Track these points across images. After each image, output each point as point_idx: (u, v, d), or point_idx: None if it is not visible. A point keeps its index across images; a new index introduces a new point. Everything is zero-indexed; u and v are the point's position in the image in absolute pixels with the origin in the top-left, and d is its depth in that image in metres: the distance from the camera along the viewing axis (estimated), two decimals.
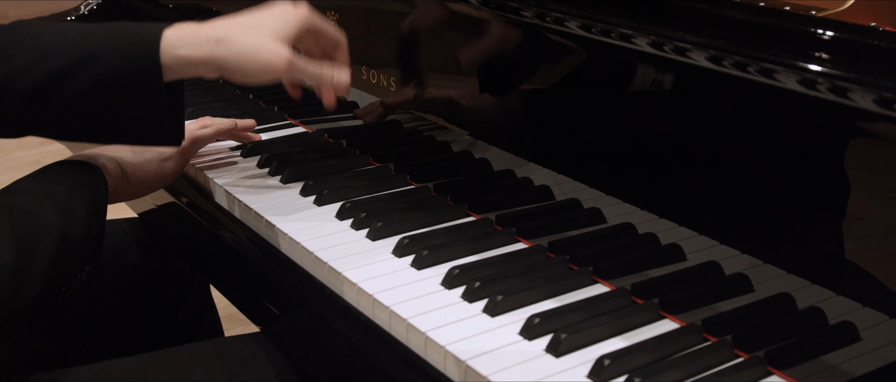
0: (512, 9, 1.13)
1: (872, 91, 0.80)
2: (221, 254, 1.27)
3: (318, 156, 1.36)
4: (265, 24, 1.08)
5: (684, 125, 1.02)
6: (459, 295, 0.99)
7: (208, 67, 1.07)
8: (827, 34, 0.86)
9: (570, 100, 1.14)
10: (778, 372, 0.86)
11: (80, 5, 2.04)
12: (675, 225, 1.05)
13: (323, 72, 1.12)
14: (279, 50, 1.07)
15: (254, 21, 1.09)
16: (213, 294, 1.63)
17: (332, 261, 1.06)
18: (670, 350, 0.89)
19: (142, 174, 1.22)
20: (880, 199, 0.87)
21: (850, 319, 0.90)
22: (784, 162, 0.93)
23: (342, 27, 1.43)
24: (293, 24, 1.09)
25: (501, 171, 1.26)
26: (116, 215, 1.64)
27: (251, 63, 1.06)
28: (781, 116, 0.92)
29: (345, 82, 1.13)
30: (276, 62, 1.07)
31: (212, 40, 1.06)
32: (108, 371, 1.14)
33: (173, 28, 1.06)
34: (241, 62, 1.06)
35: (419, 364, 0.92)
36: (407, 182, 1.28)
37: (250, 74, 1.08)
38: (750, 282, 0.98)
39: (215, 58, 1.06)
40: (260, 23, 1.08)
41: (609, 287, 1.01)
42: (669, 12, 0.98)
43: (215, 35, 1.06)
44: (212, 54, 1.06)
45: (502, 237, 1.11)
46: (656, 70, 1.01)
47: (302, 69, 1.10)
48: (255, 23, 1.08)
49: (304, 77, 1.12)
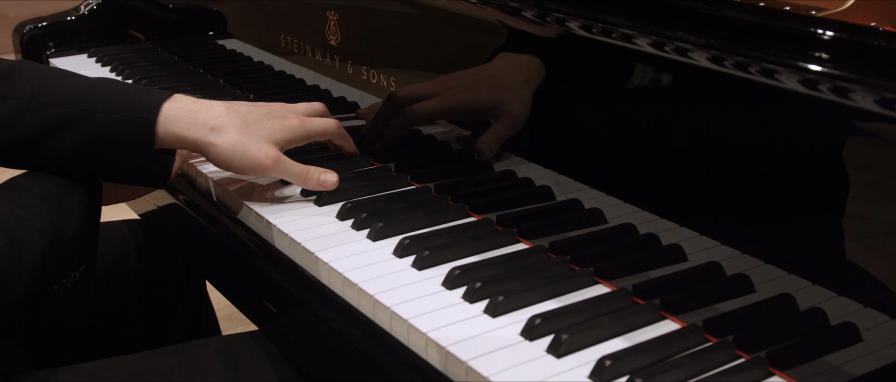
0: (512, 9, 1.13)
1: (872, 91, 0.80)
2: (221, 254, 1.27)
3: (318, 156, 1.36)
4: (262, 126, 1.15)
5: (685, 125, 1.02)
6: (460, 296, 0.99)
7: (197, 149, 1.14)
8: (827, 34, 0.86)
9: (571, 100, 1.14)
10: (779, 373, 0.86)
11: (80, 5, 2.04)
12: (677, 226, 1.05)
13: (309, 174, 1.19)
14: (268, 151, 1.14)
15: (252, 120, 1.15)
16: (214, 295, 1.63)
17: (333, 262, 1.06)
18: (672, 350, 0.89)
19: None
20: (880, 199, 0.87)
21: (852, 319, 0.89)
22: (784, 162, 0.93)
23: (342, 27, 1.44)
24: (288, 135, 1.17)
25: (502, 171, 1.26)
26: (118, 215, 1.64)
27: (239, 158, 1.14)
28: (781, 116, 0.92)
29: (331, 182, 1.20)
30: (264, 161, 1.14)
31: (207, 127, 1.12)
32: (108, 369, 1.14)
33: (173, 102, 1.12)
34: (230, 156, 1.13)
35: (419, 365, 0.92)
36: (407, 182, 1.28)
37: (236, 168, 1.15)
38: (751, 283, 0.98)
39: (206, 144, 1.13)
40: (258, 124, 1.15)
41: (610, 288, 1.01)
42: (670, 12, 0.98)
43: (211, 123, 1.12)
44: (203, 140, 1.12)
45: (503, 238, 1.11)
46: (657, 70, 1.01)
47: (287, 170, 1.17)
48: (252, 122, 1.15)
49: (290, 178, 1.18)
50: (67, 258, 1.06)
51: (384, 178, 1.29)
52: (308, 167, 1.19)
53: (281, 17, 1.64)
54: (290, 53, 1.61)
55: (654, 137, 1.05)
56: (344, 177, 1.28)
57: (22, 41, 1.99)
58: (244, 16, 1.78)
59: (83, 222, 1.07)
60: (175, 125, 1.11)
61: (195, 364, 1.17)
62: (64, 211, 1.05)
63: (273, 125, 1.16)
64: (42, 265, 1.00)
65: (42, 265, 1.00)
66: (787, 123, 0.92)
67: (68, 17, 2.01)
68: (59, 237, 1.02)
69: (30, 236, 0.99)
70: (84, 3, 2.04)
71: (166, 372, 1.15)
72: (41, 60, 1.95)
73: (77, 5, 2.04)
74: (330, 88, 1.58)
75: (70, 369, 1.14)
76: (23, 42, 1.99)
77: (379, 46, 1.42)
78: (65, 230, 1.03)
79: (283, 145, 1.17)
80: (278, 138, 1.16)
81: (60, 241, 1.03)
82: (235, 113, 1.15)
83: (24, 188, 1.06)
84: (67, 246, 1.04)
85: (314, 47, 1.53)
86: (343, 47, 1.45)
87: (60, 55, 1.92)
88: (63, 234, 1.03)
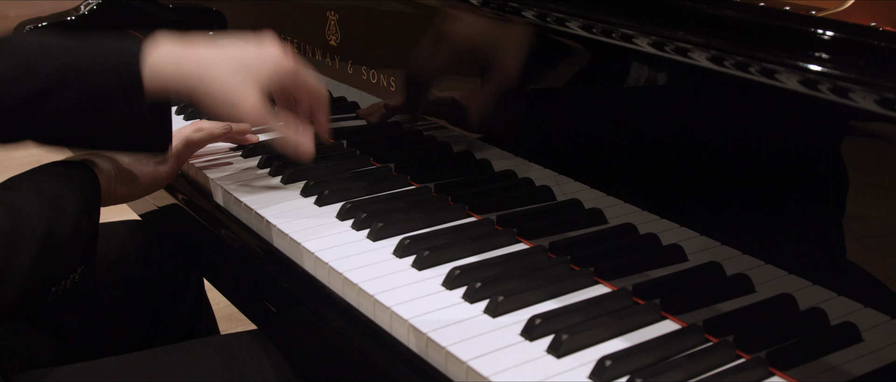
0: (512, 9, 1.13)
1: (872, 91, 0.80)
2: (221, 254, 1.27)
3: (318, 156, 1.36)
4: (251, 68, 1.10)
5: (685, 126, 1.02)
6: (460, 296, 0.99)
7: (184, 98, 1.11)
8: (827, 34, 0.86)
9: (571, 100, 1.14)
10: (779, 373, 0.86)
11: (80, 5, 2.04)
12: (677, 226, 1.05)
13: (288, 132, 1.15)
14: (253, 97, 1.09)
15: (242, 62, 1.10)
16: (214, 294, 1.63)
17: (333, 262, 1.06)
18: (672, 350, 0.89)
19: (137, 176, 1.22)
20: (880, 199, 0.87)
21: (852, 319, 0.90)
22: (784, 162, 0.93)
23: (342, 27, 1.44)
24: (277, 74, 1.12)
25: (502, 171, 1.26)
26: (118, 216, 1.64)
27: (224, 105, 1.09)
28: (781, 116, 0.92)
29: (306, 151, 1.16)
30: (246, 109, 1.09)
31: (195, 77, 1.08)
32: (108, 368, 1.14)
33: (158, 50, 1.07)
34: (216, 103, 1.09)
35: (420, 365, 0.92)
36: (408, 183, 1.28)
37: (220, 115, 1.11)
38: (751, 283, 0.98)
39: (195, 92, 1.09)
40: (247, 65, 1.10)
41: (610, 288, 1.01)
42: (670, 12, 0.98)
43: (200, 71, 1.08)
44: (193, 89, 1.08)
45: (503, 238, 1.11)
46: (657, 70, 1.01)
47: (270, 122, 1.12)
48: (242, 64, 1.10)
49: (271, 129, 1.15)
50: (64, 259, 1.05)
51: (384, 178, 1.29)
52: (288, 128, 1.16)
53: (281, 17, 1.64)
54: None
55: (654, 137, 1.05)
56: (344, 177, 1.28)
57: None
58: (244, 16, 1.77)
59: (80, 223, 1.07)
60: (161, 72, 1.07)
61: (195, 363, 1.17)
62: (59, 211, 1.04)
63: (261, 66, 1.11)
64: (37, 266, 1.00)
65: (37, 265, 1.00)
66: (787, 124, 0.92)
67: (68, 17, 2.01)
68: (55, 238, 1.02)
69: (24, 237, 0.99)
70: (84, 3, 2.04)
71: (166, 371, 1.16)
72: None
73: (77, 5, 2.04)
74: (330, 88, 1.58)
75: (69, 368, 1.14)
76: None
77: (379, 47, 1.42)
78: (60, 231, 1.03)
79: (273, 87, 1.13)
80: (270, 81, 1.11)
81: (56, 241, 1.02)
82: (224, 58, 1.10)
83: (19, 187, 1.06)
84: (64, 247, 1.04)
85: (314, 47, 1.52)
86: (343, 47, 1.45)
87: None
88: (59, 234, 1.03)
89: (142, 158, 1.22)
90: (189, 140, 1.30)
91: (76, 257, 1.07)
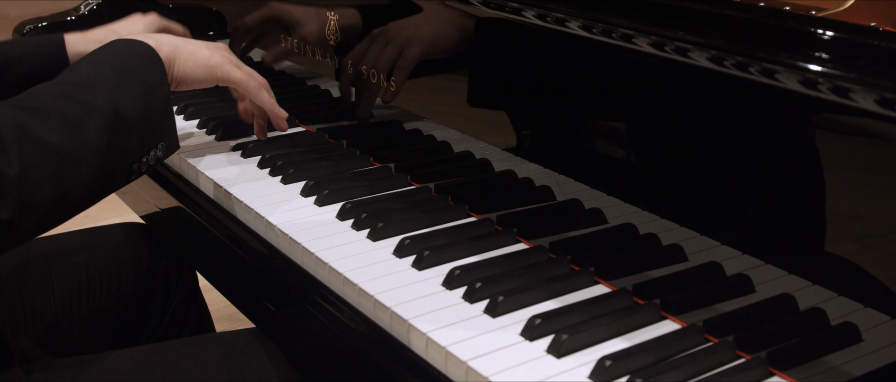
0: (513, 9, 1.13)
1: (872, 91, 0.80)
2: (221, 254, 1.27)
3: (318, 156, 1.36)
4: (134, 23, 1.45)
5: (685, 126, 1.02)
6: (460, 296, 0.99)
7: None
8: (827, 34, 0.86)
9: (572, 100, 1.14)
10: (779, 373, 0.86)
11: (80, 5, 2.04)
12: (677, 226, 1.05)
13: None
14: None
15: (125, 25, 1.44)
16: (214, 294, 1.63)
17: (333, 262, 1.06)
18: (672, 350, 0.89)
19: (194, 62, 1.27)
20: (880, 199, 0.87)
21: (852, 319, 0.90)
22: (784, 162, 0.93)
23: (342, 27, 1.44)
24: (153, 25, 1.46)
25: (502, 171, 1.26)
26: (118, 217, 1.64)
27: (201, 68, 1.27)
28: (781, 116, 0.92)
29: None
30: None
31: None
32: (109, 361, 1.15)
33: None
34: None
35: (420, 365, 0.92)
36: (408, 183, 1.28)
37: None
38: (751, 283, 0.98)
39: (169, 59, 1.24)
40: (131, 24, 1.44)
41: (610, 288, 1.01)
42: (670, 12, 0.98)
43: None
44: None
45: (503, 238, 1.11)
46: (657, 70, 1.01)
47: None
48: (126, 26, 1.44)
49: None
50: (141, 137, 1.11)
51: (384, 178, 1.29)
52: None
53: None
54: (290, 52, 1.61)
55: (654, 137, 1.05)
56: (344, 177, 1.28)
57: None
58: (244, 16, 1.77)
59: (148, 99, 1.12)
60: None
61: (195, 359, 1.17)
62: (122, 90, 1.10)
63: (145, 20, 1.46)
64: (108, 145, 1.06)
65: (108, 144, 1.06)
66: (787, 124, 0.92)
67: (68, 18, 2.01)
68: (122, 116, 1.08)
69: (88, 117, 1.04)
70: (84, 3, 2.04)
71: (167, 366, 1.16)
72: None
73: (77, 5, 2.04)
74: (330, 88, 1.58)
75: (71, 360, 1.15)
76: None
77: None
78: (126, 110, 1.08)
79: None
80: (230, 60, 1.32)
81: (125, 120, 1.08)
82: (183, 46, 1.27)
83: (80, 70, 1.11)
84: (134, 124, 1.10)
85: (314, 47, 1.52)
86: (343, 47, 1.45)
87: None
88: (125, 113, 1.08)
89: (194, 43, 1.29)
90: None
91: (152, 133, 1.13)
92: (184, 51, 1.25)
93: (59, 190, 1.02)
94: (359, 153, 1.37)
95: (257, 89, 1.32)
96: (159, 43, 1.22)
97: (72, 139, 1.03)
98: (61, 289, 1.39)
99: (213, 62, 1.28)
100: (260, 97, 1.32)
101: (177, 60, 1.24)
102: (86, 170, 1.04)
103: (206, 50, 1.28)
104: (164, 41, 1.23)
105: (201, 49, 1.28)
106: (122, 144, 1.09)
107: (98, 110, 1.06)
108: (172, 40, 1.25)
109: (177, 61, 1.24)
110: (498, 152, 1.26)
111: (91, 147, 1.04)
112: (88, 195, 1.07)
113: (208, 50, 1.29)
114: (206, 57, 1.27)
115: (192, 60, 1.26)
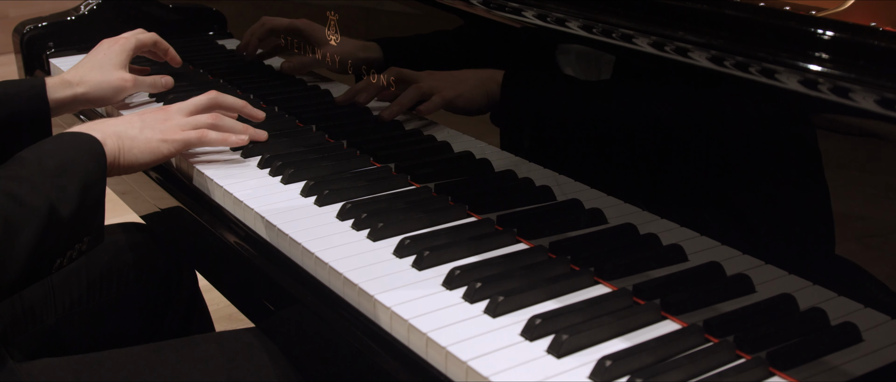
0: (513, 9, 1.13)
1: (872, 91, 0.80)
2: (222, 255, 1.27)
3: (318, 156, 1.36)
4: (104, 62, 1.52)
5: (685, 126, 1.02)
6: (460, 296, 0.99)
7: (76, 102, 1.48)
8: (827, 34, 0.86)
9: (572, 100, 1.14)
10: (780, 373, 0.86)
11: (80, 5, 2.04)
12: (677, 226, 1.05)
13: (156, 81, 1.60)
14: (123, 75, 1.53)
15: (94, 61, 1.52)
16: (214, 294, 1.63)
17: (334, 262, 1.06)
18: (672, 350, 0.89)
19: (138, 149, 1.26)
20: (880, 199, 0.87)
21: (852, 320, 0.89)
22: (784, 162, 0.93)
23: (342, 27, 1.44)
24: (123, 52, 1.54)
25: (502, 171, 1.26)
26: (118, 217, 1.64)
27: (107, 90, 1.50)
28: (781, 116, 0.92)
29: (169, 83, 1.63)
30: (124, 84, 1.52)
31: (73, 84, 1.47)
32: (110, 360, 1.15)
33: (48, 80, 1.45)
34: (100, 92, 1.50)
35: (420, 365, 0.92)
36: (408, 183, 1.28)
37: (108, 99, 1.52)
38: (751, 283, 0.98)
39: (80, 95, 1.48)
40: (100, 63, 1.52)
41: (610, 288, 1.01)
42: (670, 12, 0.98)
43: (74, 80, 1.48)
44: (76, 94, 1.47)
45: (503, 238, 1.11)
46: (657, 70, 1.01)
47: (140, 82, 1.57)
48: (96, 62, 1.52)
49: (145, 89, 1.59)
50: (69, 234, 1.09)
51: (384, 178, 1.29)
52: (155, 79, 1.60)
53: (280, 17, 1.64)
54: (290, 52, 1.61)
55: (654, 137, 1.05)
56: (344, 177, 1.28)
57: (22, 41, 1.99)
58: (244, 16, 1.77)
59: (84, 197, 1.10)
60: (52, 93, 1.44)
61: (195, 358, 1.17)
62: (62, 188, 1.07)
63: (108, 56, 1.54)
64: (39, 245, 1.04)
65: (39, 244, 1.04)
66: (787, 124, 0.92)
67: (68, 17, 2.01)
68: (57, 216, 1.06)
69: (24, 219, 1.02)
70: (84, 3, 2.04)
71: (167, 365, 1.16)
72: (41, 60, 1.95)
73: (77, 5, 2.04)
74: (329, 88, 1.58)
75: (72, 359, 1.14)
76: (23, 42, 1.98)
77: (379, 47, 1.41)
78: (63, 209, 1.06)
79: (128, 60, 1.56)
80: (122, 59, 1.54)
81: (58, 219, 1.06)
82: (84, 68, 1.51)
83: (24, 162, 1.09)
84: (67, 223, 1.07)
85: (314, 47, 1.53)
86: (343, 47, 1.45)
87: (60, 55, 1.92)
88: (61, 213, 1.06)
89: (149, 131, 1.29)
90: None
91: (81, 229, 1.11)
92: (126, 139, 1.24)
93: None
94: (359, 153, 1.37)
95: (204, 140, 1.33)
96: (105, 135, 1.21)
97: (7, 239, 1.01)
98: (61, 290, 1.39)
99: (155, 145, 1.27)
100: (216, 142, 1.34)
101: (121, 151, 1.23)
102: (14, 268, 1.02)
103: (149, 131, 1.28)
104: (110, 132, 1.22)
105: (143, 131, 1.27)
106: (52, 244, 1.07)
107: (36, 213, 1.04)
108: (116, 129, 1.24)
109: (122, 152, 1.23)
110: (498, 152, 1.26)
111: (22, 250, 1.02)
112: (12, 290, 1.06)
113: (151, 130, 1.28)
114: (148, 139, 1.27)
115: (137, 147, 1.25)
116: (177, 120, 1.32)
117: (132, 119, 1.28)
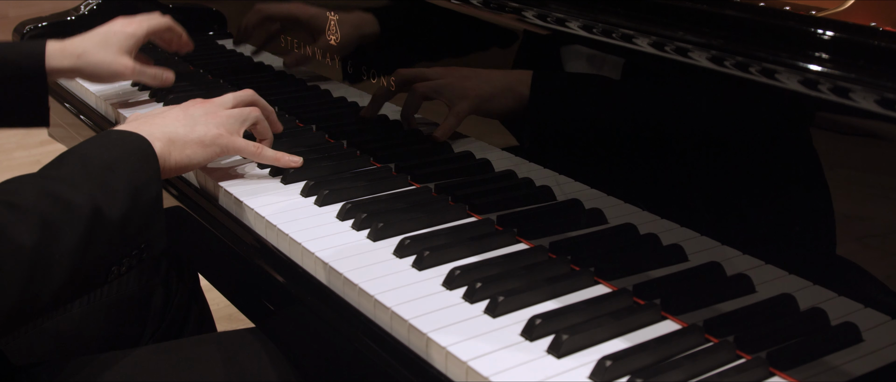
0: (513, 9, 1.13)
1: (872, 91, 0.80)
2: (221, 254, 1.27)
3: (319, 156, 1.36)
4: (111, 43, 1.52)
5: (685, 126, 1.02)
6: (461, 296, 0.99)
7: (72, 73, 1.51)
8: (827, 34, 0.86)
9: (572, 100, 1.14)
10: (780, 373, 0.86)
11: (80, 5, 2.04)
12: (677, 226, 1.05)
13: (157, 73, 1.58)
14: (125, 62, 1.52)
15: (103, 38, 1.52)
16: (214, 294, 1.63)
17: (333, 262, 1.06)
18: (672, 350, 0.89)
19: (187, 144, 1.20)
20: (880, 199, 0.87)
21: (852, 320, 0.89)
22: (784, 162, 0.93)
23: (342, 27, 1.44)
24: (132, 38, 1.54)
25: (502, 171, 1.26)
26: None
27: (104, 72, 1.52)
28: (781, 116, 0.92)
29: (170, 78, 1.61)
30: (123, 71, 1.52)
31: (74, 55, 1.48)
32: (109, 362, 1.15)
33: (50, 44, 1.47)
34: (97, 71, 1.51)
35: (420, 365, 0.92)
36: (408, 183, 1.28)
37: (104, 80, 1.56)
38: (751, 283, 0.98)
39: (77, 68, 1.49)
40: (107, 40, 1.51)
41: (610, 288, 1.01)
42: (670, 12, 0.98)
43: (76, 51, 1.49)
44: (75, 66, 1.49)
45: (503, 238, 1.11)
46: (657, 70, 1.01)
47: (141, 72, 1.55)
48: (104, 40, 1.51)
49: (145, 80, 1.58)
50: (123, 239, 1.03)
51: (384, 178, 1.29)
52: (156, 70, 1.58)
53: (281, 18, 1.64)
54: (290, 52, 1.61)
55: (654, 137, 1.05)
56: (344, 177, 1.28)
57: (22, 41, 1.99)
58: (244, 16, 1.77)
59: (135, 200, 1.04)
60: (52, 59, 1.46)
61: (195, 359, 1.17)
62: (107, 188, 1.02)
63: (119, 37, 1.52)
64: (85, 250, 0.98)
65: (85, 249, 0.98)
66: (787, 124, 0.92)
67: (68, 17, 2.01)
68: (104, 219, 1.00)
69: (66, 220, 0.97)
70: (84, 3, 2.04)
71: (167, 366, 1.16)
72: None
73: (77, 5, 2.04)
74: (330, 88, 1.58)
75: (71, 361, 1.14)
76: None
77: (379, 46, 1.41)
78: (110, 212, 1.01)
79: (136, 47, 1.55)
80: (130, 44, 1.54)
81: (107, 222, 1.00)
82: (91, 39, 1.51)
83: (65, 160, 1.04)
84: (118, 227, 1.02)
85: (314, 47, 1.52)
86: (343, 47, 1.45)
87: None
88: (108, 215, 1.00)
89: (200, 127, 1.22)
90: None
91: (137, 234, 1.05)
92: (178, 138, 1.18)
93: (27, 294, 0.94)
94: (359, 153, 1.37)
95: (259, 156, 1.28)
96: (152, 134, 1.14)
97: (48, 242, 0.95)
98: None
99: (208, 140, 1.21)
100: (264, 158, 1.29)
101: (172, 151, 1.17)
102: (58, 274, 0.96)
103: (200, 126, 1.21)
104: (157, 132, 1.16)
105: (194, 128, 1.20)
106: (101, 247, 1.01)
107: (78, 212, 0.98)
108: (164, 128, 1.18)
109: (172, 152, 1.17)
110: (498, 152, 1.26)
111: (65, 251, 0.96)
112: (61, 298, 1.00)
113: (202, 125, 1.21)
114: (201, 136, 1.20)
115: (189, 146, 1.19)
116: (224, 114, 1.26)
117: (177, 115, 1.22)
